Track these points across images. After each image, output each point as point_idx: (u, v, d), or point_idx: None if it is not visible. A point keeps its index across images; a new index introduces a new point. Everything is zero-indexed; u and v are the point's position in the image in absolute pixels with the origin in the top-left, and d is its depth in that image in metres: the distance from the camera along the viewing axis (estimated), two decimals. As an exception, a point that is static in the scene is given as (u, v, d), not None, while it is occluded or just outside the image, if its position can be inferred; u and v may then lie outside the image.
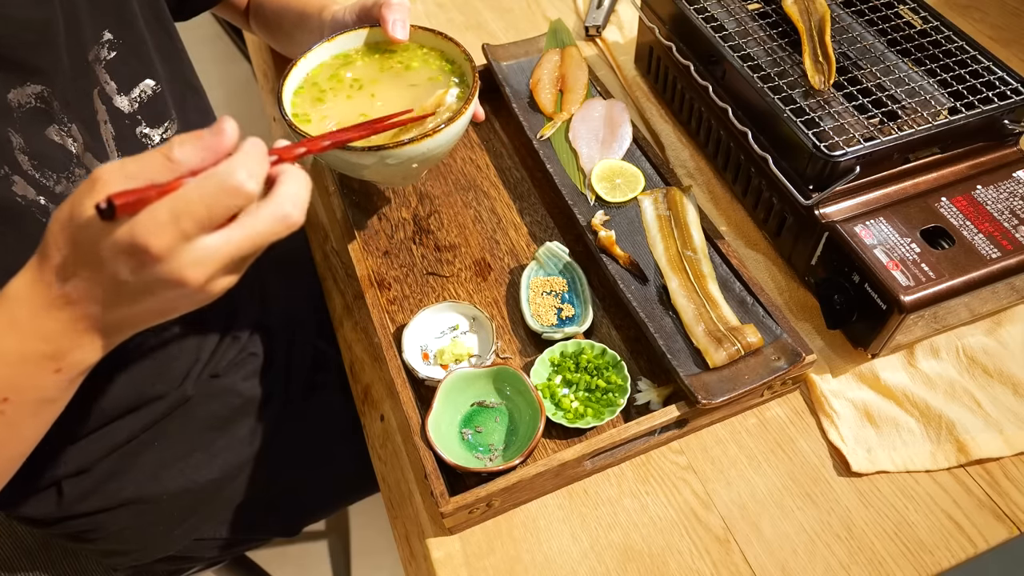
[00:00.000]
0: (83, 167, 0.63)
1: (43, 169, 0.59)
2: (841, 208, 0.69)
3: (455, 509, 0.58)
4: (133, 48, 0.69)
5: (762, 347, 0.66)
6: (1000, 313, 0.72)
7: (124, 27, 0.68)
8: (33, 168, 0.58)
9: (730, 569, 0.60)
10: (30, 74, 0.58)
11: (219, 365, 0.83)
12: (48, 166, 0.59)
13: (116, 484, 0.78)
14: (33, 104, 0.58)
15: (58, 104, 0.60)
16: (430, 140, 0.61)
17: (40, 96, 0.59)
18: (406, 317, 0.76)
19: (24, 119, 0.58)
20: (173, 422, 0.80)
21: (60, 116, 0.61)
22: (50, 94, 0.59)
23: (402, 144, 0.60)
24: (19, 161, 0.57)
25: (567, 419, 0.66)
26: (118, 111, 0.67)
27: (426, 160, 0.64)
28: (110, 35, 0.66)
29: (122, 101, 0.68)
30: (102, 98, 0.66)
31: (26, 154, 0.58)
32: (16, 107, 0.57)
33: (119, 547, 0.83)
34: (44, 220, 0.59)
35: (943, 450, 0.64)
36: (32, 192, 0.58)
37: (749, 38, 0.80)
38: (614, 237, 0.73)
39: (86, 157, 0.63)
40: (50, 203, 0.60)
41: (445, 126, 0.62)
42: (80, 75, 0.63)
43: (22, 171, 0.58)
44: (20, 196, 0.57)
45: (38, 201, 0.59)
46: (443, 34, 0.72)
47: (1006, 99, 0.69)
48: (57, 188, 0.60)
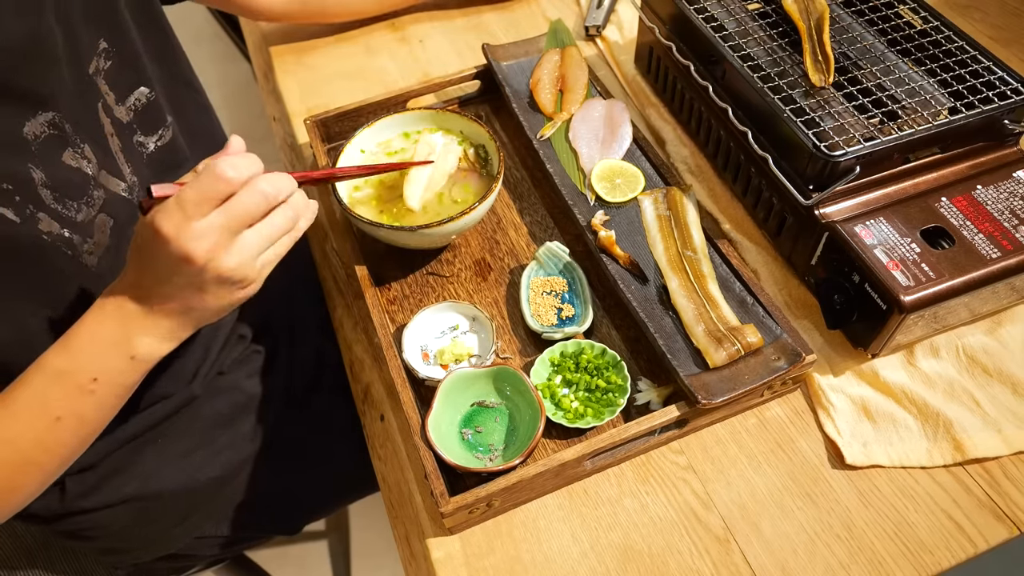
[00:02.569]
0: (100, 187, 0.63)
1: (64, 200, 0.59)
2: (841, 208, 0.69)
3: (455, 509, 0.58)
4: (126, 56, 0.68)
5: (762, 347, 0.66)
6: (1000, 313, 0.72)
7: (117, 34, 0.67)
8: (55, 200, 0.59)
9: (730, 569, 0.60)
10: (40, 103, 0.58)
11: (225, 362, 0.84)
12: (68, 195, 0.60)
13: (118, 481, 0.78)
14: (47, 132, 0.58)
15: (69, 127, 0.60)
16: (466, 217, 0.72)
17: (52, 123, 0.59)
18: (406, 317, 0.76)
19: (41, 150, 0.58)
20: (178, 420, 0.80)
21: (73, 139, 0.61)
22: (60, 119, 0.59)
23: (443, 222, 0.71)
24: (42, 197, 0.58)
25: (567, 419, 0.66)
26: (119, 121, 0.67)
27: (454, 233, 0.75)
28: (105, 44, 0.66)
29: (120, 111, 0.68)
30: (105, 111, 0.66)
31: (48, 187, 0.58)
32: (33, 139, 0.57)
33: (120, 545, 0.83)
34: (69, 252, 0.60)
35: (939, 447, 0.64)
36: (56, 226, 0.59)
37: (749, 38, 0.80)
38: (614, 237, 0.73)
39: (101, 175, 0.63)
40: (73, 234, 0.60)
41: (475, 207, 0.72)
42: (83, 91, 0.63)
43: (46, 207, 0.58)
44: (46, 233, 0.58)
45: (63, 234, 0.59)
46: (471, 116, 0.83)
47: (1006, 99, 0.69)
48: (79, 216, 0.61)
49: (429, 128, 0.84)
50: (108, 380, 0.55)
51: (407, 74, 1.05)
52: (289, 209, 0.55)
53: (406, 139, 0.84)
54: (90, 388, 0.55)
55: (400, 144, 0.84)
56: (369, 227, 0.73)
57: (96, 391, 0.55)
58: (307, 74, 1.06)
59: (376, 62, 1.07)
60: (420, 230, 0.71)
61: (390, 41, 1.10)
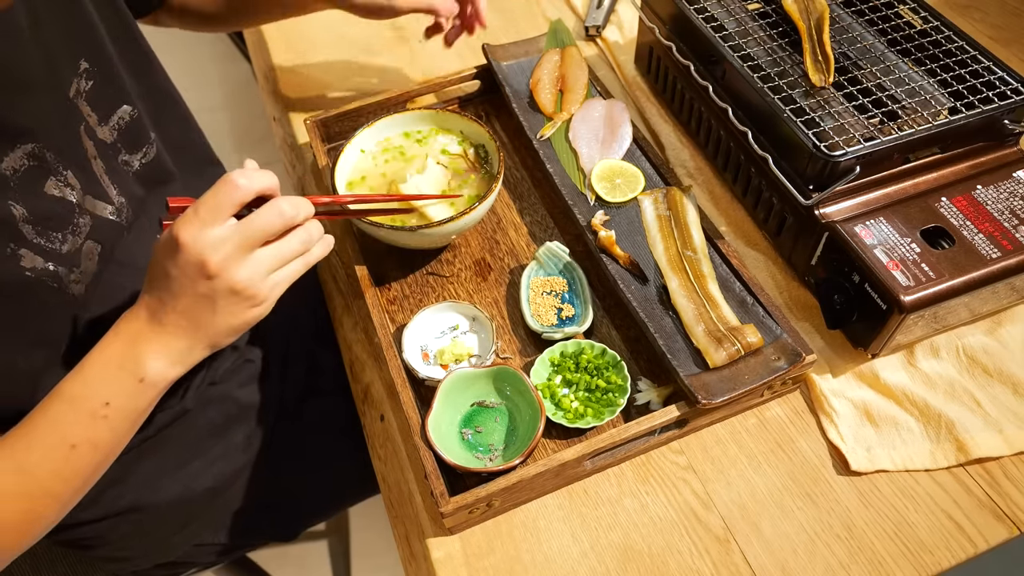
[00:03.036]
0: (86, 213, 0.61)
1: (47, 233, 0.58)
2: (841, 208, 0.69)
3: (455, 509, 0.58)
4: (106, 74, 0.67)
5: (762, 347, 0.66)
6: (1000, 313, 0.72)
7: (96, 52, 0.66)
8: (37, 235, 0.57)
9: (730, 569, 0.60)
10: (18, 135, 0.56)
11: (217, 373, 0.83)
12: (52, 227, 0.58)
13: (116, 492, 0.77)
14: (27, 164, 0.57)
15: (51, 155, 0.59)
16: (466, 217, 0.72)
17: (32, 154, 0.57)
18: (406, 317, 0.76)
19: (21, 183, 0.56)
20: (172, 431, 0.80)
21: (55, 167, 0.59)
22: (41, 148, 0.58)
23: (442, 223, 0.71)
24: (24, 233, 0.56)
25: (567, 419, 0.66)
26: (102, 143, 0.66)
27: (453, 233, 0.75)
28: (86, 63, 0.64)
29: (104, 131, 0.66)
30: (88, 133, 0.64)
31: (29, 223, 0.57)
32: (12, 174, 0.56)
33: (119, 554, 0.83)
34: (55, 285, 0.59)
35: (942, 449, 0.64)
36: (40, 261, 0.57)
37: (749, 38, 0.80)
38: (614, 237, 0.73)
39: (86, 201, 0.62)
40: (59, 267, 0.59)
41: (475, 206, 0.72)
42: (65, 116, 0.61)
43: (28, 242, 0.57)
44: (29, 270, 0.57)
45: (47, 268, 0.58)
46: (471, 116, 0.83)
47: (1006, 99, 0.69)
48: (63, 248, 0.59)
49: (429, 128, 0.84)
50: (119, 405, 0.55)
51: (407, 74, 1.05)
52: (304, 233, 0.56)
53: (406, 139, 0.84)
54: (103, 413, 0.54)
55: (400, 142, 0.84)
56: (369, 227, 0.73)
57: (109, 416, 0.54)
58: (307, 74, 1.06)
59: (376, 62, 1.07)
60: (420, 230, 0.71)
61: (390, 41, 1.10)
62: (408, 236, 0.72)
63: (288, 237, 0.55)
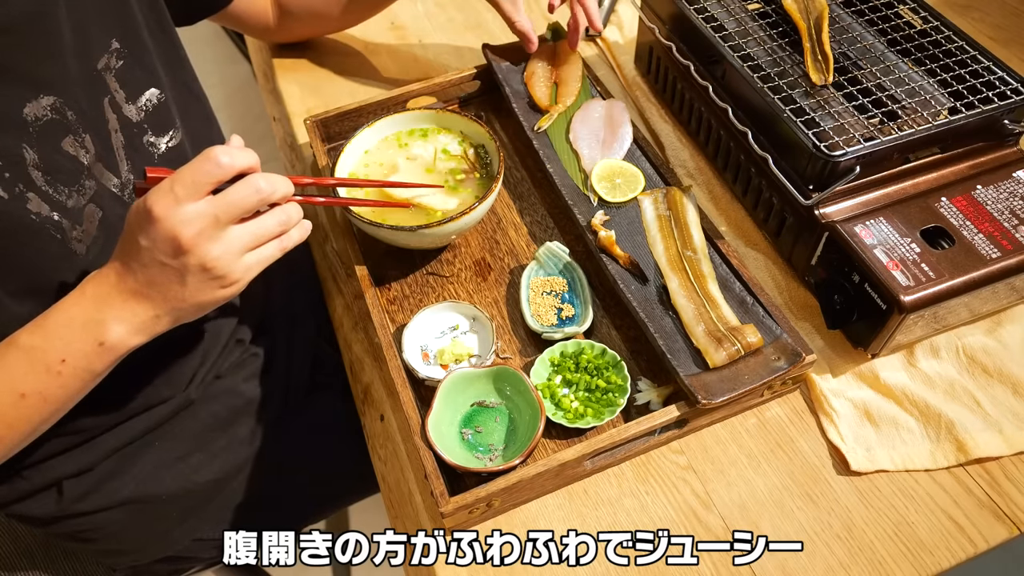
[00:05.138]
0: (92, 178, 0.63)
1: (56, 184, 0.59)
2: (841, 208, 0.69)
3: (455, 509, 0.58)
4: (138, 57, 0.68)
5: (762, 347, 0.66)
6: (1000, 313, 0.72)
7: (130, 36, 0.68)
8: (46, 183, 0.58)
9: (730, 569, 0.60)
10: (41, 86, 0.58)
11: (222, 366, 0.83)
12: (60, 180, 0.59)
13: (115, 484, 0.78)
14: (49, 116, 0.58)
15: (72, 114, 0.60)
16: (466, 217, 0.72)
17: (54, 107, 0.59)
18: (406, 317, 0.76)
19: (40, 132, 0.58)
20: (175, 423, 0.80)
21: (76, 127, 0.60)
22: (63, 104, 0.59)
23: (442, 223, 0.71)
24: (33, 177, 0.57)
25: (567, 419, 0.66)
26: (127, 120, 0.67)
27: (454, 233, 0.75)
28: (117, 44, 0.66)
29: (130, 110, 0.68)
30: (112, 107, 0.66)
31: (39, 169, 0.58)
32: (32, 121, 0.57)
33: (118, 547, 0.83)
34: (58, 236, 0.59)
35: (942, 449, 0.64)
36: (46, 208, 0.58)
37: (749, 38, 0.80)
38: (614, 237, 0.73)
39: (96, 167, 0.63)
40: (63, 218, 0.60)
41: (475, 206, 0.72)
42: (90, 84, 0.63)
43: (36, 187, 0.58)
44: (35, 213, 0.58)
45: (52, 217, 0.59)
46: (471, 116, 0.83)
47: (1006, 99, 0.69)
48: (69, 202, 0.60)
49: (430, 128, 0.84)
50: (75, 364, 0.54)
51: (407, 74, 1.05)
52: (282, 214, 0.55)
53: (407, 138, 0.84)
54: (57, 369, 0.54)
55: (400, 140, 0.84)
56: (369, 227, 0.73)
57: (63, 373, 0.54)
58: (307, 74, 1.06)
59: (376, 62, 1.07)
60: (420, 230, 0.71)
61: (390, 41, 1.10)
62: (408, 236, 0.72)
63: (264, 216, 0.54)
